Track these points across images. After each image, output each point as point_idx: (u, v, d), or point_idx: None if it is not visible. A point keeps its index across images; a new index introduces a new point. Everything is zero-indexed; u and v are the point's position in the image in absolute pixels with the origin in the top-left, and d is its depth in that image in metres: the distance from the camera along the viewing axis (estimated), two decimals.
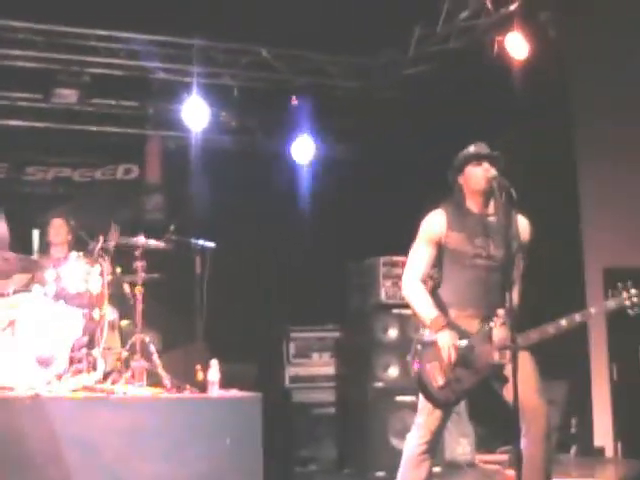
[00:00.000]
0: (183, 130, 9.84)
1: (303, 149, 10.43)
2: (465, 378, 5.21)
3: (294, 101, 10.10)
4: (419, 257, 5.32)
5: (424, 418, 5.31)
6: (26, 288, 7.95)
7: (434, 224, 5.33)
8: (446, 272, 5.33)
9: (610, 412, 9.67)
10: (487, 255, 5.26)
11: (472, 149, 5.40)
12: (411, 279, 5.28)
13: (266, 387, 8.05)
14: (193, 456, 7.29)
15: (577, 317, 5.15)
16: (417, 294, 5.24)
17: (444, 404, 5.28)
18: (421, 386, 5.27)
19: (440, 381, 5.16)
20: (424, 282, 5.28)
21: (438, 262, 5.35)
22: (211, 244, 8.38)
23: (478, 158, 5.32)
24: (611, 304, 5.17)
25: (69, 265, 8.00)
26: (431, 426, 5.30)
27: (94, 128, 10.06)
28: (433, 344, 5.18)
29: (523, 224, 5.40)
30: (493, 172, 5.21)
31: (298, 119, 10.28)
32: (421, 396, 5.34)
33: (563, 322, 5.13)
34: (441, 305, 5.27)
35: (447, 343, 5.11)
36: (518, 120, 9.48)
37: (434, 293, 5.32)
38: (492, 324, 5.18)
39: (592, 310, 5.22)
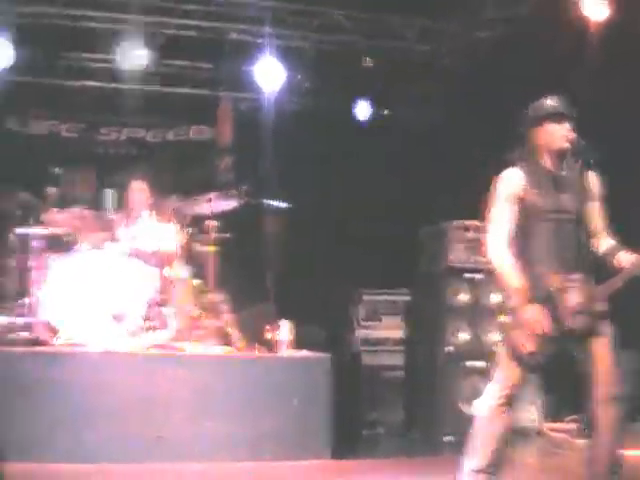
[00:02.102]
0: (255, 92, 9.82)
1: (368, 111, 10.37)
2: (549, 344, 5.14)
3: (366, 63, 10.02)
4: (501, 217, 5.23)
5: (505, 374, 5.25)
6: (101, 246, 8.05)
7: (511, 182, 5.24)
8: (526, 229, 5.25)
9: None
10: (564, 210, 5.18)
11: (550, 104, 5.28)
12: (497, 243, 5.20)
13: (336, 349, 8.11)
14: (261, 415, 7.44)
15: None
16: (503, 260, 5.16)
17: (533, 369, 5.23)
18: (510, 348, 5.20)
19: (529, 347, 5.10)
20: (509, 243, 5.20)
21: (517, 219, 5.27)
22: (283, 205, 8.41)
23: (558, 116, 5.22)
24: None
25: (143, 224, 8.16)
26: (511, 381, 5.23)
27: (167, 89, 10.09)
28: (519, 312, 5.12)
29: (593, 178, 5.31)
30: (574, 134, 5.13)
31: (369, 82, 10.19)
32: (503, 353, 5.27)
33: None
34: (523, 263, 5.20)
35: (532, 317, 5.04)
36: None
37: (515, 251, 5.24)
38: (570, 285, 5.10)
39: None
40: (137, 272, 7.84)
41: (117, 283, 7.74)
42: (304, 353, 7.99)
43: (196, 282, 8.40)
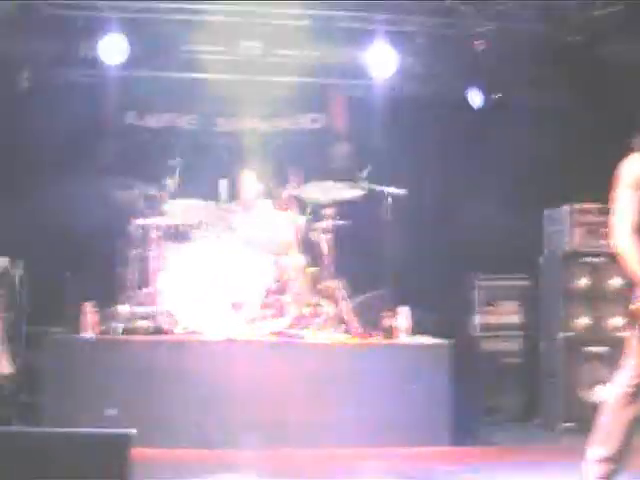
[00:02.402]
0: (368, 78, 9.78)
1: (482, 95, 10.19)
2: None
3: (479, 46, 9.87)
4: (626, 204, 5.14)
5: (636, 361, 5.15)
6: (218, 236, 8.16)
7: (634, 168, 5.16)
8: None
9: None
10: None
11: None
12: (624, 231, 5.12)
13: (453, 335, 8.02)
14: (380, 402, 7.46)
15: None
16: (630, 249, 5.09)
17: None
18: None
19: None
20: (634, 229, 5.11)
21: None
22: (400, 191, 8.35)
23: None
24: None
25: (260, 212, 8.27)
26: None
27: (280, 78, 10.13)
28: None
29: None
30: None
31: (482, 65, 10.05)
32: (634, 340, 5.17)
33: None
34: None
35: None
36: None
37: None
38: None
39: None
40: (254, 261, 7.90)
41: (235, 272, 7.82)
42: (423, 339, 7.97)
43: (313, 269, 8.44)
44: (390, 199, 8.36)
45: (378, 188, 8.37)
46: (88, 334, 7.56)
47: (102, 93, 9.91)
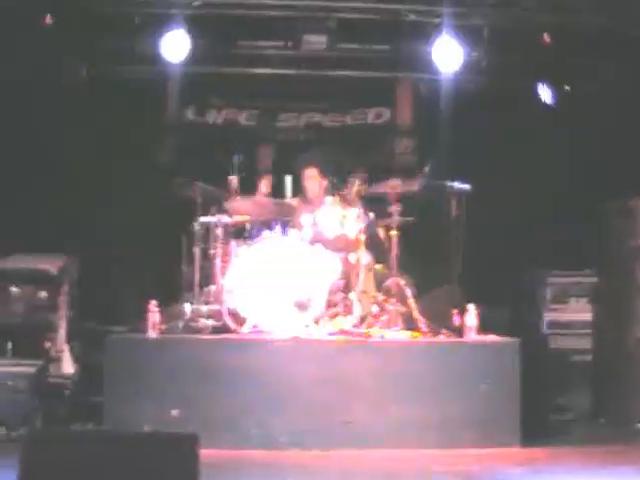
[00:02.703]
0: (434, 72, 9.64)
1: (549, 88, 10.10)
2: None
3: (545, 39, 9.71)
4: None
5: None
6: (283, 233, 8.09)
7: None
8: None
9: None
10: None
11: None
12: None
13: (522, 333, 7.87)
14: (448, 401, 7.38)
15: None
16: None
17: None
18: None
19: None
20: None
21: None
22: (466, 186, 8.29)
23: None
24: None
25: (325, 209, 8.18)
26: None
27: (344, 73, 10.04)
28: None
29: None
30: None
31: (549, 58, 9.88)
32: None
33: None
34: None
35: None
36: None
37: None
38: None
39: None
40: (320, 258, 7.83)
41: (300, 270, 7.75)
42: (491, 338, 7.86)
43: (379, 267, 8.39)
44: (456, 195, 8.32)
45: (444, 184, 8.33)
46: (151, 333, 7.51)
47: (162, 90, 9.93)
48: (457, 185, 8.32)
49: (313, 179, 8.64)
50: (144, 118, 9.62)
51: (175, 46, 9.01)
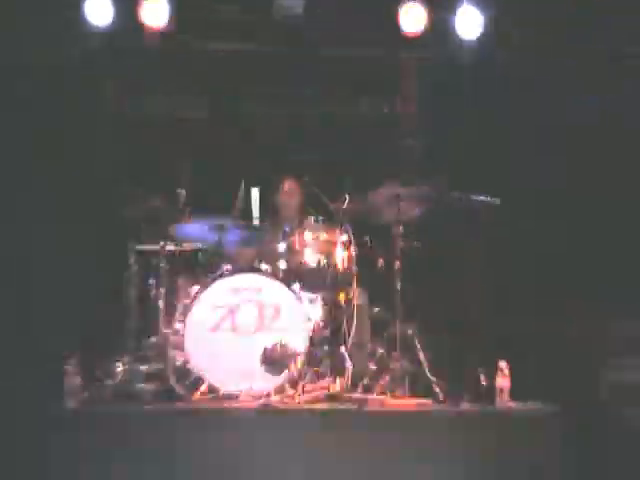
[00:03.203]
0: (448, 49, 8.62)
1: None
2: None
3: None
4: None
5: None
6: (250, 265, 7.30)
7: None
8: None
9: None
10: None
11: None
12: None
13: (572, 398, 6.69)
14: None
15: None
16: None
17: None
18: None
19: None
20: None
21: None
22: (493, 200, 7.08)
23: None
24: None
25: (305, 234, 7.34)
26: None
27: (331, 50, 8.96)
28: None
29: None
30: None
31: None
32: None
33: None
34: None
35: None
36: None
37: None
38: None
39: None
40: (297, 299, 6.95)
41: (271, 315, 6.86)
42: (530, 405, 6.69)
43: (377, 310, 7.49)
44: (480, 211, 7.21)
45: (462, 197, 7.17)
46: (69, 402, 6.32)
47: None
48: (479, 198, 7.13)
49: (291, 194, 7.84)
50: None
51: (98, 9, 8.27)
